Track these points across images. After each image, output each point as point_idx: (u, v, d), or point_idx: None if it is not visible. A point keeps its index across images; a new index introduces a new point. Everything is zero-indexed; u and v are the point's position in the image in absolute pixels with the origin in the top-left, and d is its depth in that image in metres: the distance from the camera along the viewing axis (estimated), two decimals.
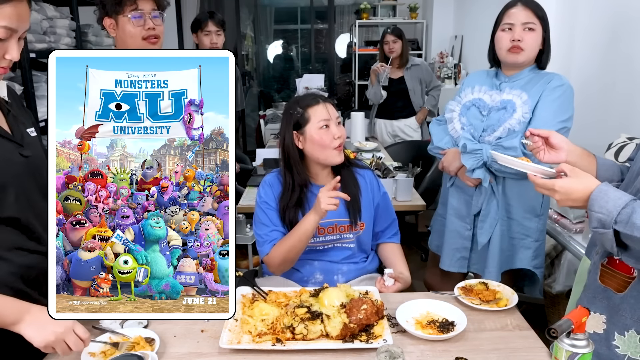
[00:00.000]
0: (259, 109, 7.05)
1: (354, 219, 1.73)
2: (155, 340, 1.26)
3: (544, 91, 1.82)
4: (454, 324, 1.36)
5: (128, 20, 1.73)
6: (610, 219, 1.06)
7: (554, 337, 1.02)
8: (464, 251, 2.02)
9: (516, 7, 1.83)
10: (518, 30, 1.80)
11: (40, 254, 1.20)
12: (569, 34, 2.94)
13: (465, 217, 2.00)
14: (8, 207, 1.13)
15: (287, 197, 1.72)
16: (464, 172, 1.91)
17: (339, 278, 1.74)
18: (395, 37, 3.95)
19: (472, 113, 1.93)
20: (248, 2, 7.19)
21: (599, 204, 1.08)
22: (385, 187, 1.89)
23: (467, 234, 2.00)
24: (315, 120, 1.68)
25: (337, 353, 1.27)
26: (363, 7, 5.85)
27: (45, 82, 3.10)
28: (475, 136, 1.90)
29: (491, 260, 1.94)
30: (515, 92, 1.85)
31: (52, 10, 3.09)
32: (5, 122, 1.20)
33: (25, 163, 1.19)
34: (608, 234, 1.07)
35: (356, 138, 3.82)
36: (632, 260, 1.12)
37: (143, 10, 1.73)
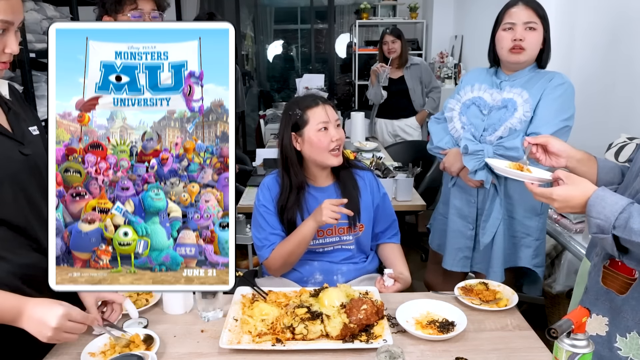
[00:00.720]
0: (259, 109, 7.04)
1: (352, 221, 1.73)
2: (155, 340, 1.26)
3: (545, 89, 1.82)
4: (454, 324, 1.36)
5: (127, 19, 1.72)
6: (609, 224, 1.06)
7: (554, 337, 1.02)
8: (466, 251, 2.02)
9: (517, 7, 1.82)
10: (519, 30, 1.80)
11: (39, 253, 1.20)
12: (569, 34, 2.94)
13: (468, 217, 2.00)
14: (6, 206, 1.13)
15: (285, 199, 1.72)
16: (466, 173, 1.91)
17: (338, 278, 1.74)
18: (394, 37, 3.96)
19: (472, 112, 1.93)
20: (248, 2, 7.19)
21: (596, 210, 1.09)
22: (385, 187, 1.89)
23: (469, 233, 2.00)
24: (314, 123, 1.67)
25: (337, 353, 1.27)
26: (363, 7, 5.85)
27: (45, 82, 3.10)
28: (476, 136, 1.89)
29: (495, 260, 1.94)
30: (516, 91, 1.85)
31: (52, 10, 3.09)
32: (6, 120, 1.20)
33: (25, 161, 1.19)
34: (608, 239, 1.08)
35: (356, 138, 3.82)
36: (634, 263, 1.12)
37: (143, 10, 1.73)
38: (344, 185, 1.75)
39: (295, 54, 8.24)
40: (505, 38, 1.83)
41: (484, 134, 1.89)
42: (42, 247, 1.21)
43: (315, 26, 7.36)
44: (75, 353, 1.24)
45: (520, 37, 1.79)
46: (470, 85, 1.97)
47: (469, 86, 1.97)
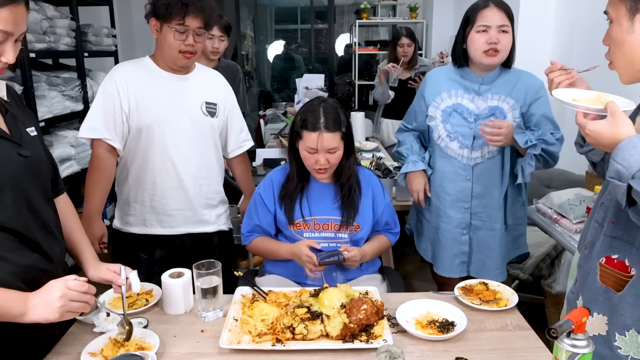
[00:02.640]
0: (259, 109, 7.04)
1: (346, 218, 1.74)
2: (155, 340, 1.26)
3: (528, 93, 1.88)
4: (454, 324, 1.36)
5: (171, 31, 1.73)
6: (629, 173, 1.01)
7: (554, 337, 1.02)
8: (462, 256, 2.04)
9: (490, 9, 1.83)
10: (494, 33, 1.81)
11: (39, 254, 1.20)
12: (569, 34, 2.94)
13: (461, 223, 2.01)
14: (6, 208, 1.13)
15: (290, 187, 1.77)
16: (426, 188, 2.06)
17: (337, 275, 1.75)
18: (410, 41, 3.88)
19: (455, 120, 1.95)
20: (248, 2, 7.20)
21: (622, 156, 1.03)
22: (385, 187, 1.89)
23: (463, 238, 2.02)
24: (304, 144, 1.68)
25: (337, 353, 1.27)
26: (363, 7, 5.84)
27: (44, 82, 3.10)
28: (466, 144, 1.94)
29: (497, 262, 1.99)
30: (501, 98, 1.90)
31: (52, 10, 3.09)
32: (3, 122, 1.20)
33: (24, 162, 1.18)
34: (622, 187, 1.03)
35: (356, 138, 3.81)
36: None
37: (189, 27, 1.73)
38: (342, 185, 1.77)
39: (295, 54, 8.24)
40: (479, 40, 1.84)
41: (474, 142, 1.92)
42: (42, 249, 1.21)
43: (315, 26, 7.37)
44: (76, 353, 1.24)
45: (496, 41, 1.81)
46: (446, 91, 1.97)
47: (444, 93, 1.97)
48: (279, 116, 4.80)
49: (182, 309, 1.46)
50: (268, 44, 7.99)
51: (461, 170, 1.96)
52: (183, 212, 1.90)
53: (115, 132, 1.81)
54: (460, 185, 1.97)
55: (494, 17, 1.81)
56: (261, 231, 1.82)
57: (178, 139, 1.84)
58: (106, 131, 1.79)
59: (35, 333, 1.21)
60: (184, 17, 1.71)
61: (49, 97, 3.05)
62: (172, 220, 1.90)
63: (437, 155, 2.02)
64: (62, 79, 3.24)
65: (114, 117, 1.79)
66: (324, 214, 1.75)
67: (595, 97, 1.23)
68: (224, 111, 1.99)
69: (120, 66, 1.87)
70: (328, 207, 1.76)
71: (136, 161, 1.86)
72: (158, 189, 1.86)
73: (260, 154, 3.31)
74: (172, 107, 1.83)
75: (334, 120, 1.65)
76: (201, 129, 1.89)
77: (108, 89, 1.80)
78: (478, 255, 2.02)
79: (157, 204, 1.88)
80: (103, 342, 1.26)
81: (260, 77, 7.97)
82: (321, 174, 1.72)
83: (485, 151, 1.93)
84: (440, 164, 2.02)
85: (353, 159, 1.78)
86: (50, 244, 1.25)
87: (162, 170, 1.85)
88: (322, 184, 1.79)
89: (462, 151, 1.95)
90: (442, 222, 2.04)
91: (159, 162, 1.84)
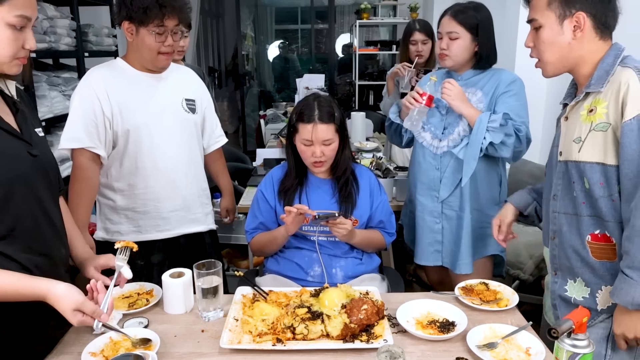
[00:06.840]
0: (259, 109, 7.05)
1: (344, 213, 1.76)
2: (155, 340, 1.26)
3: (499, 86, 1.93)
4: (454, 324, 1.36)
5: (150, 34, 1.70)
6: None
7: (554, 337, 1.03)
8: (436, 244, 2.09)
9: (444, 17, 1.98)
10: (445, 40, 1.95)
11: (46, 254, 1.20)
12: None
13: (433, 212, 2.06)
14: (16, 206, 1.13)
15: (288, 181, 1.81)
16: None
17: (337, 272, 1.75)
18: (426, 37, 2.89)
19: (431, 112, 2.03)
20: (248, 2, 7.20)
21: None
22: (385, 187, 1.91)
23: (437, 227, 2.07)
24: (300, 137, 1.73)
25: (337, 353, 1.27)
26: (363, 7, 5.84)
27: (45, 82, 3.10)
28: (437, 135, 2.02)
29: (464, 253, 2.01)
30: (470, 90, 1.98)
31: (53, 10, 3.09)
32: (14, 121, 1.20)
33: (34, 162, 1.19)
34: None
35: (356, 138, 3.81)
36: None
37: (167, 27, 1.71)
38: (339, 180, 1.81)
39: (295, 54, 8.25)
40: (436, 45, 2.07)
41: (444, 133, 2.00)
42: (50, 249, 1.21)
43: (315, 26, 7.37)
44: (76, 353, 1.24)
45: (444, 47, 1.95)
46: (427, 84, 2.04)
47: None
48: (279, 116, 4.80)
49: (183, 308, 1.46)
50: (268, 44, 7.99)
51: (432, 160, 2.03)
52: (177, 213, 1.89)
53: (99, 140, 1.74)
54: (432, 174, 2.04)
55: (444, 25, 1.95)
56: (264, 228, 1.84)
57: (166, 138, 1.83)
58: (89, 139, 1.73)
59: (40, 332, 1.22)
60: (163, 19, 1.68)
61: (50, 97, 3.05)
62: (167, 222, 1.88)
63: (416, 145, 2.12)
64: (63, 79, 3.24)
65: (96, 124, 1.73)
66: (323, 208, 1.76)
67: None
68: (202, 107, 1.99)
69: (94, 71, 1.80)
70: (326, 201, 1.79)
71: (124, 167, 1.81)
72: (151, 192, 1.83)
73: (260, 154, 3.31)
74: (155, 107, 1.81)
75: (328, 113, 1.72)
76: (185, 126, 1.89)
77: (85, 96, 1.73)
78: (448, 245, 2.07)
79: (151, 208, 1.85)
80: (104, 342, 1.27)
81: (260, 77, 7.97)
82: (318, 167, 1.76)
83: (450, 139, 1.98)
84: (415, 153, 2.12)
85: (348, 151, 1.84)
86: (57, 244, 1.25)
87: (154, 173, 1.82)
88: (320, 180, 1.83)
89: (433, 141, 2.04)
90: (417, 211, 2.11)
91: (150, 165, 1.81)
